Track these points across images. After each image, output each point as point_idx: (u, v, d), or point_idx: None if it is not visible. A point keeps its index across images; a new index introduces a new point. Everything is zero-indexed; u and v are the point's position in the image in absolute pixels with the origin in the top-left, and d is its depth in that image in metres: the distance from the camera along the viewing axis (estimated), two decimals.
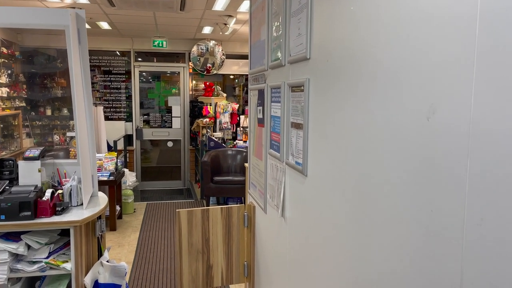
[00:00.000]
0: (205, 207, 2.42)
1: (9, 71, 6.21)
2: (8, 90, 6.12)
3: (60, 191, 2.23)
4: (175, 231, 4.99)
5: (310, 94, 1.48)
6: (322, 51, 1.39)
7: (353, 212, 1.19)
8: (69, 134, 2.25)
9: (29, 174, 2.18)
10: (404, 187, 0.92)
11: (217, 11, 5.27)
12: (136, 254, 4.28)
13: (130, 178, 6.09)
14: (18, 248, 1.98)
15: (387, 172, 1.00)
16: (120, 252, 4.34)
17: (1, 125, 5.87)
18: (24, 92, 6.63)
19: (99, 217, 2.33)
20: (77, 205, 2.25)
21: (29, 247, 2.05)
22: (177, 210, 2.38)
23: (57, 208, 2.09)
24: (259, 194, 2.30)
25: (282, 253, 1.90)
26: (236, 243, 2.48)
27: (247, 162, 2.82)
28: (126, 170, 6.02)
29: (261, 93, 2.20)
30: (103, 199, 2.44)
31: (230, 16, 5.61)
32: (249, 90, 2.55)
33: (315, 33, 1.44)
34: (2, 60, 6.07)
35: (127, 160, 7.35)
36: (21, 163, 2.19)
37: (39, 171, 2.21)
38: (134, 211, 5.82)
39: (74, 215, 2.10)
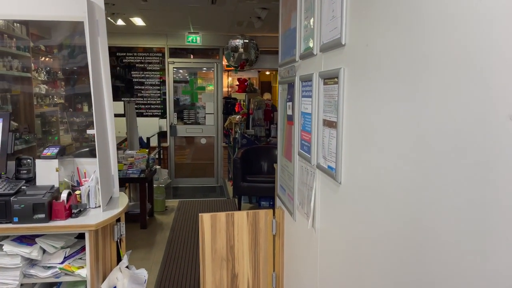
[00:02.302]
0: (230, 212, 2.24)
1: (47, 68, 6.32)
2: (46, 87, 6.23)
3: (78, 192, 2.11)
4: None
5: (345, 87, 1.25)
6: (360, 35, 1.15)
7: (397, 233, 0.95)
8: (89, 131, 2.12)
9: (47, 174, 2.08)
10: (472, 204, 0.68)
11: (251, 3, 5.08)
12: (164, 253, 4.18)
13: (162, 175, 6.04)
14: (32, 252, 1.88)
15: (446, 184, 0.76)
16: (149, 251, 4.26)
17: (39, 122, 5.98)
18: (62, 89, 6.73)
19: (118, 220, 2.20)
20: (95, 207, 2.13)
21: (44, 250, 1.95)
22: (199, 214, 2.21)
23: (73, 211, 1.98)
24: (288, 199, 2.08)
25: (312, 268, 1.68)
26: (264, 251, 2.28)
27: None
28: (158, 167, 5.97)
29: (290, 86, 1.98)
30: (123, 200, 2.31)
31: (264, 8, 5.40)
32: (278, 84, 2.34)
33: (352, 15, 1.21)
34: (42, 58, 6.17)
35: (161, 157, 7.34)
36: (38, 162, 2.09)
37: (57, 170, 2.10)
38: (166, 209, 5.76)
39: (90, 218, 1.97)
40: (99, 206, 2.11)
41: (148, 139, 6.38)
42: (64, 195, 1.98)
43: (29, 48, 5.35)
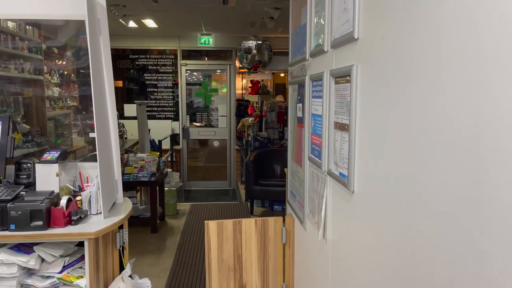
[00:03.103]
0: (237, 219, 2.12)
1: (60, 71, 6.32)
2: (59, 89, 6.23)
3: (78, 198, 2.03)
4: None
5: (358, 85, 1.13)
6: (374, 27, 1.03)
7: (412, 247, 0.82)
8: (92, 134, 2.03)
9: (46, 179, 2.00)
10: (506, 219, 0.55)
11: (263, 3, 4.97)
12: (174, 259, 4.09)
13: (173, 178, 5.97)
14: (29, 261, 1.80)
15: (470, 199, 0.63)
16: (159, 256, 4.18)
17: (52, 125, 5.97)
18: (75, 91, 6.72)
19: (121, 227, 2.11)
20: (97, 213, 2.04)
21: (43, 259, 1.87)
22: (205, 221, 2.11)
23: (72, 217, 1.89)
24: (299, 206, 1.96)
25: (323, 282, 1.56)
26: (273, 261, 2.15)
27: None
28: (169, 170, 5.90)
29: (301, 87, 1.86)
30: (127, 206, 2.22)
31: (276, 8, 5.29)
32: (288, 85, 2.22)
33: (365, 5, 1.09)
34: (57, 60, 6.18)
35: (174, 160, 7.28)
36: (38, 167, 2.02)
37: (57, 175, 2.02)
38: (177, 213, 5.68)
39: (90, 226, 1.88)
40: (101, 213, 2.02)
41: (160, 141, 6.32)
42: (63, 201, 1.90)
43: (41, 51, 5.35)
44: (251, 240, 2.14)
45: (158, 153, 5.17)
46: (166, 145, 6.94)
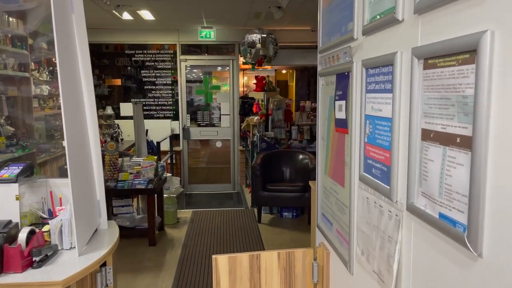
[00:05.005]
0: (254, 252, 1.63)
1: (50, 68, 5.82)
2: (49, 88, 5.74)
3: (46, 229, 1.54)
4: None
5: (495, 69, 0.63)
6: None
7: None
8: (64, 143, 1.54)
9: (2, 204, 1.52)
10: None
11: None
12: (175, 279, 3.60)
13: (173, 184, 5.48)
14: None
15: None
16: (157, 275, 3.69)
17: (40, 126, 5.48)
18: None
19: (104, 264, 1.62)
20: (71, 248, 1.55)
21: None
22: (213, 256, 1.61)
23: (34, 258, 1.40)
24: (338, 238, 1.47)
25: None
26: None
27: (304, 165, 1.99)
28: (169, 175, 5.41)
29: (342, 78, 1.37)
30: (112, 234, 1.73)
31: None
32: (318, 77, 1.73)
33: None
34: (44, 56, 5.69)
35: (174, 162, 6.79)
36: None
37: (17, 198, 1.54)
38: (178, 221, 5.19)
39: (59, 269, 1.39)
40: (75, 247, 1.53)
41: (158, 143, 5.83)
42: (22, 236, 1.41)
43: (27, 45, 4.85)
44: (273, 279, 1.65)
45: (155, 157, 4.68)
46: (165, 146, 6.45)
